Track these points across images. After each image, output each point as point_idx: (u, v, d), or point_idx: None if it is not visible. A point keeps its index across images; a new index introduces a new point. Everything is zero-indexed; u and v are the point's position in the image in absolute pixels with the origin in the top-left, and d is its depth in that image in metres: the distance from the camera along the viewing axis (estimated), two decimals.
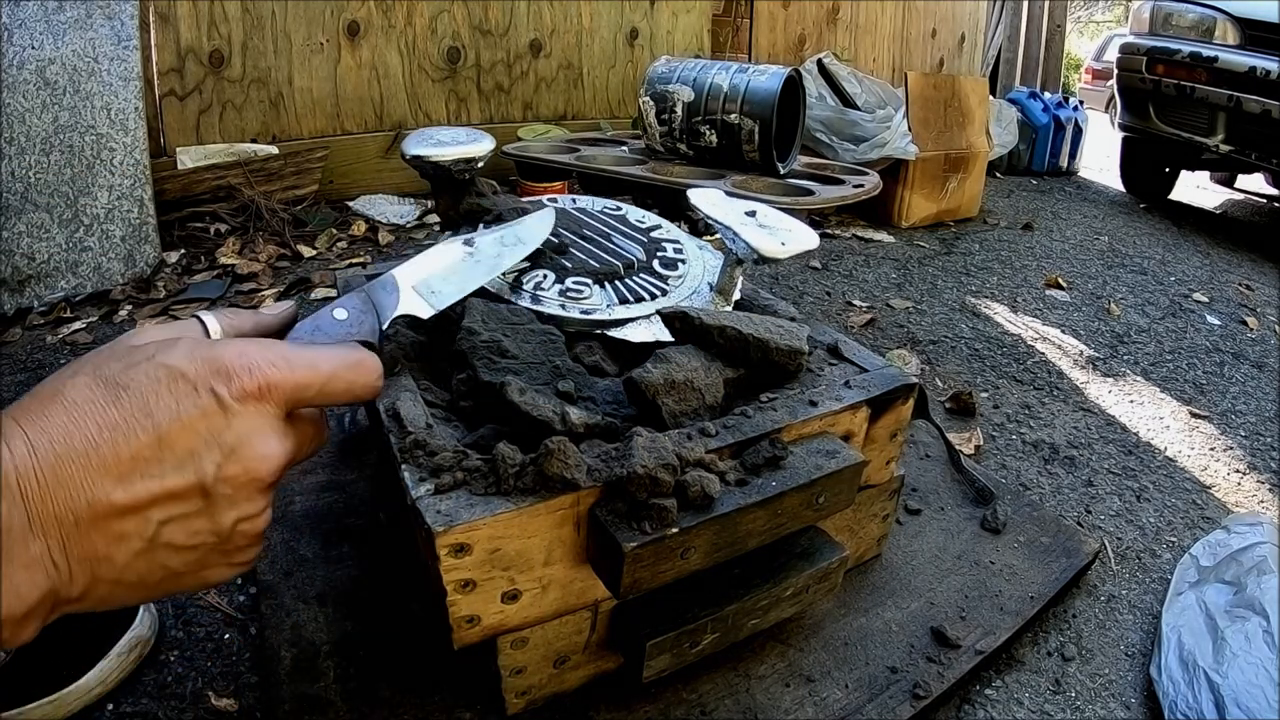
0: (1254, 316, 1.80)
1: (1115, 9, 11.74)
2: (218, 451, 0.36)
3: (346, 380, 0.42)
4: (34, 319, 1.31)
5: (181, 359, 0.37)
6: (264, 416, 0.38)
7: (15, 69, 1.27)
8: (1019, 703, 0.68)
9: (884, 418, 0.65)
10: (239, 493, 0.37)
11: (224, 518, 0.37)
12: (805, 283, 1.75)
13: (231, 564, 0.39)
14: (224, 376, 0.37)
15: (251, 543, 0.39)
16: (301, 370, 0.40)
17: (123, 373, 0.36)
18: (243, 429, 0.37)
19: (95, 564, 0.34)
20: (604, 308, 0.67)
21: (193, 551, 0.37)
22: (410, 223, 1.91)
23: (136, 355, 0.37)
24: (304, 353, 0.41)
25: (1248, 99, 2.27)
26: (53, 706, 0.58)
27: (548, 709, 0.58)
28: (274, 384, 0.39)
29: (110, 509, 0.33)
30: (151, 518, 0.35)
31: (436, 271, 0.56)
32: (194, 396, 0.36)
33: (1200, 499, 1.04)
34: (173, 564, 0.36)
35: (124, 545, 0.34)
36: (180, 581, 0.38)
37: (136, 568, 0.35)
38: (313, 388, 0.41)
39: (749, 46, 2.76)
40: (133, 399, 0.35)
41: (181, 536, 0.36)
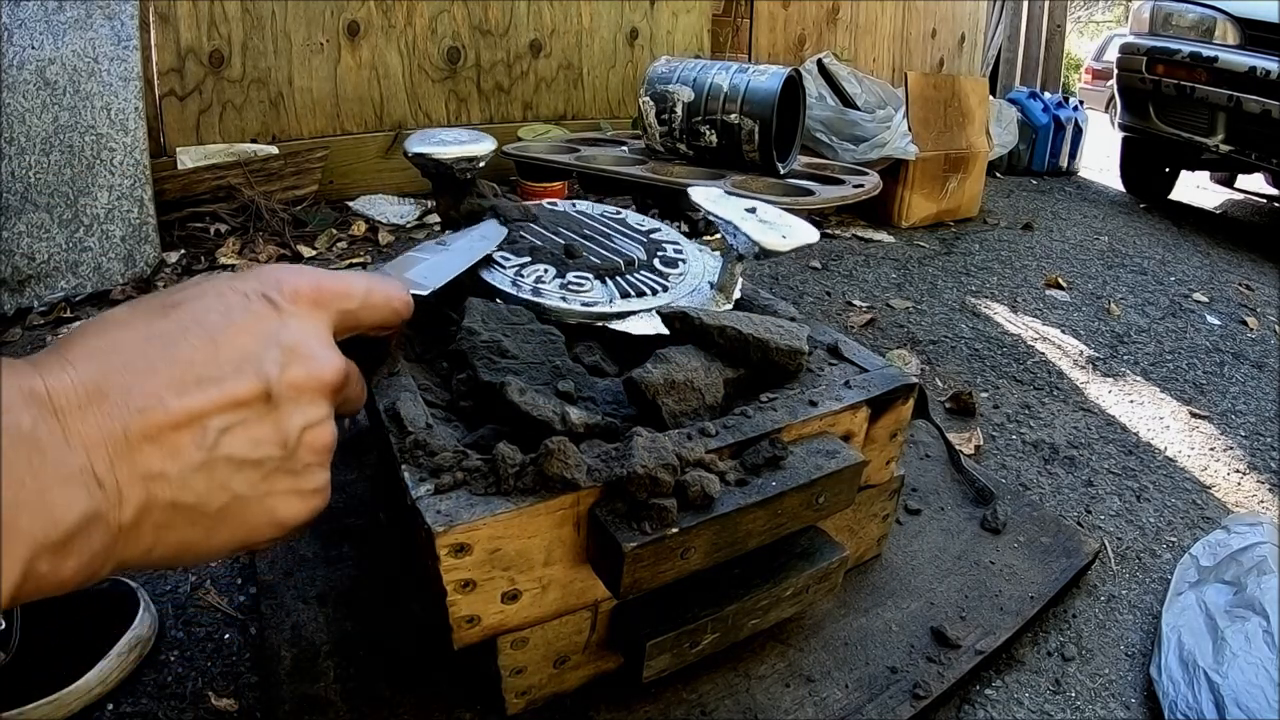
0: (1254, 316, 1.80)
1: (1115, 9, 11.75)
2: (277, 351, 0.34)
3: (383, 293, 0.43)
4: (34, 319, 1.31)
5: (227, 278, 0.36)
6: (318, 321, 0.38)
7: (15, 69, 1.27)
8: (1019, 703, 0.68)
9: (884, 418, 0.65)
10: (303, 395, 0.35)
11: (289, 423, 0.34)
12: (805, 283, 1.75)
13: (301, 491, 0.36)
14: (273, 284, 0.36)
15: (320, 460, 0.37)
16: (345, 282, 0.40)
17: (168, 295, 0.35)
18: (300, 330, 0.36)
19: (149, 482, 0.31)
20: (605, 301, 0.67)
21: (257, 468, 0.34)
22: (410, 223, 1.91)
23: (181, 286, 0.36)
24: (342, 272, 0.42)
25: (1248, 99, 2.27)
26: (53, 706, 0.58)
27: (548, 709, 0.58)
28: (324, 288, 0.38)
29: (166, 418, 0.31)
30: (210, 427, 0.32)
31: (421, 265, 0.61)
32: (246, 303, 0.35)
33: (1200, 499, 1.04)
34: (236, 484, 0.33)
35: (181, 459, 0.31)
36: (247, 512, 0.34)
37: (195, 486, 0.32)
38: (355, 297, 0.40)
39: (749, 46, 2.76)
40: (182, 311, 0.33)
41: (244, 447, 0.33)
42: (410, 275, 0.58)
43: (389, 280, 0.45)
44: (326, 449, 0.37)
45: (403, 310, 0.45)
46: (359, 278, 0.42)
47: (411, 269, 0.60)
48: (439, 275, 0.60)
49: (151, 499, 0.31)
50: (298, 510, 0.36)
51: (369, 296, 0.41)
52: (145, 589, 0.69)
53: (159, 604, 0.71)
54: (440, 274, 0.60)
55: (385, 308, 0.43)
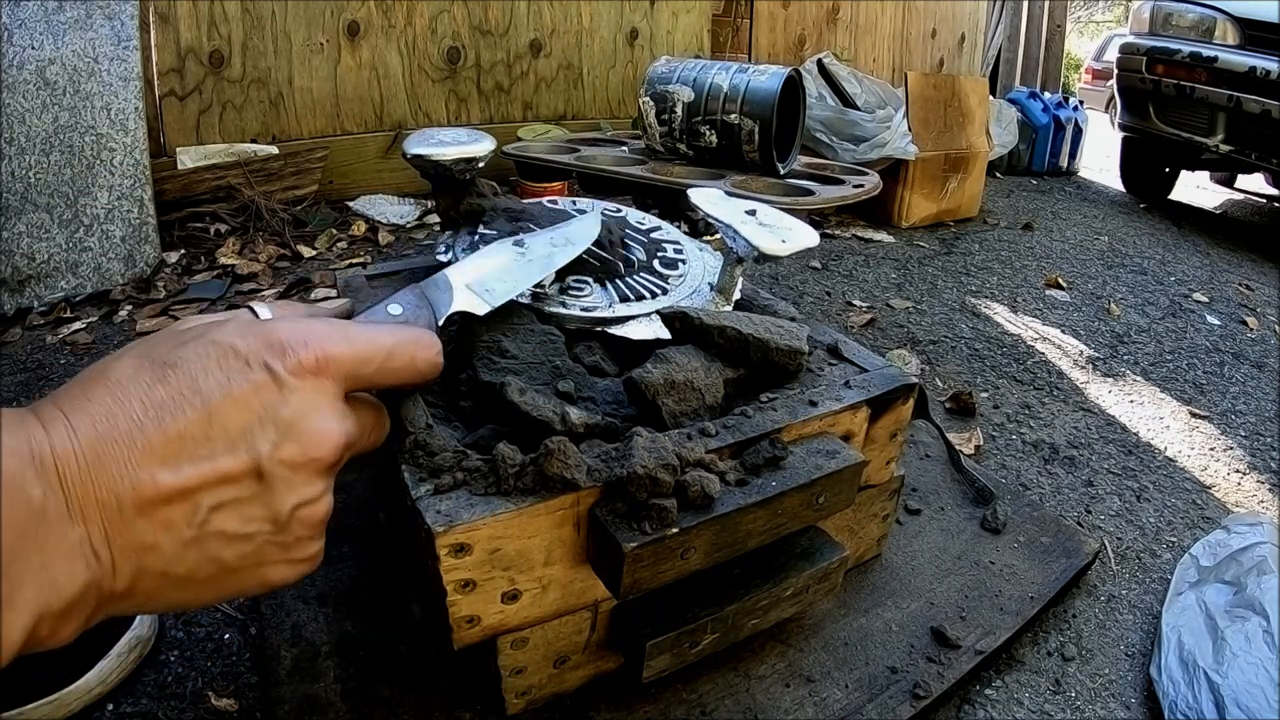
0: (1254, 316, 1.80)
1: (1115, 9, 11.74)
2: (273, 429, 0.33)
3: (409, 354, 0.40)
4: (34, 319, 1.31)
5: (233, 334, 0.35)
6: (322, 393, 0.36)
7: (15, 69, 1.27)
8: (1019, 703, 0.68)
9: (884, 418, 0.65)
10: (296, 474, 0.34)
11: (281, 503, 0.34)
12: (805, 283, 1.75)
13: (292, 560, 0.36)
14: (278, 350, 0.35)
15: (312, 534, 0.36)
16: (361, 344, 0.38)
17: (171, 352, 0.34)
18: (299, 405, 0.34)
19: (141, 554, 0.31)
20: (604, 305, 0.67)
21: (247, 542, 0.34)
22: (410, 223, 1.91)
23: (186, 335, 0.35)
24: (363, 328, 0.39)
25: (1248, 99, 2.27)
26: (53, 706, 0.58)
27: (548, 709, 0.58)
28: (332, 358, 0.36)
29: (156, 493, 0.31)
30: (201, 503, 0.32)
31: (490, 271, 0.55)
32: (247, 371, 0.34)
33: (1200, 499, 1.04)
34: (226, 557, 0.33)
35: (172, 533, 0.31)
36: (238, 580, 0.34)
37: (186, 559, 0.32)
38: (373, 362, 0.38)
39: (749, 46, 2.76)
40: (180, 376, 0.33)
41: (235, 524, 0.33)
42: (472, 285, 0.53)
43: (417, 336, 0.41)
44: (319, 523, 0.37)
45: (428, 371, 0.42)
46: (383, 335, 0.39)
47: (477, 275, 0.54)
48: (503, 289, 0.54)
49: (143, 569, 0.31)
50: (288, 575, 0.36)
51: (389, 360, 0.39)
52: None
53: None
54: (505, 288, 0.54)
55: (408, 369, 0.41)
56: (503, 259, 0.57)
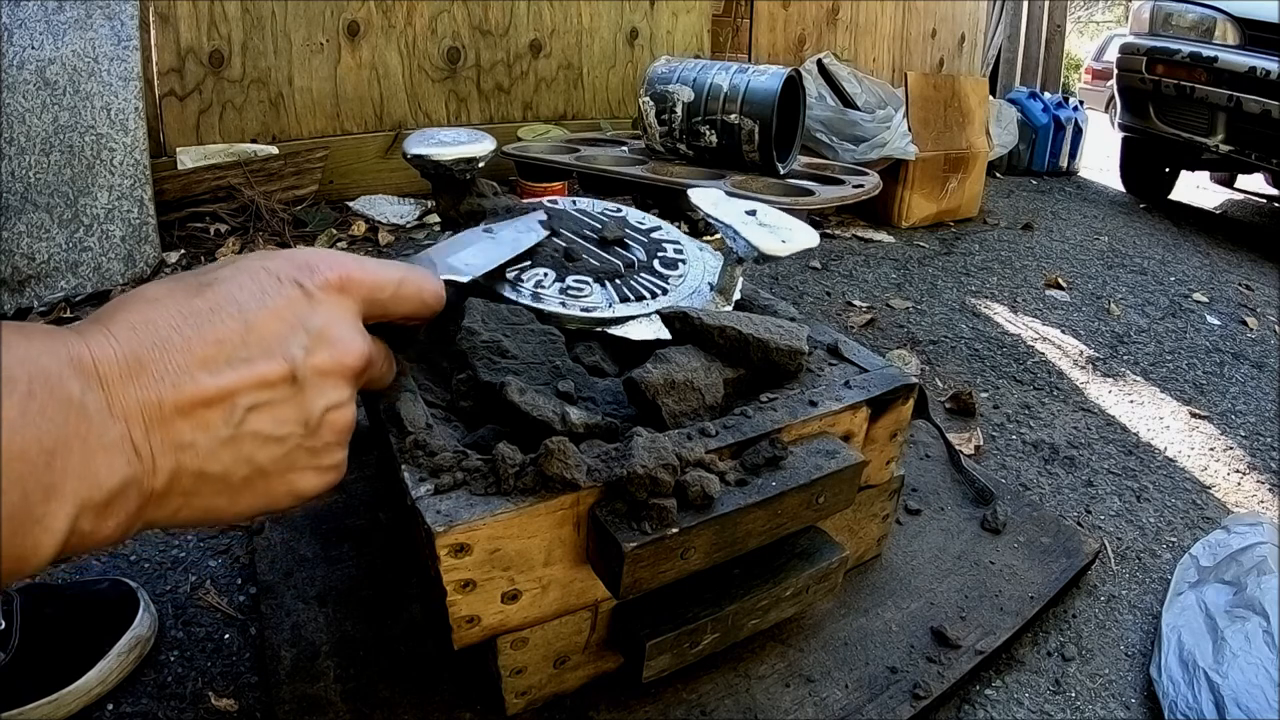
0: (1254, 316, 1.80)
1: (1115, 9, 11.74)
2: (305, 335, 0.36)
3: (416, 285, 0.43)
4: (34, 319, 1.31)
5: (262, 258, 0.38)
6: (346, 308, 0.39)
7: (15, 69, 1.27)
8: (1019, 703, 0.68)
9: (884, 418, 0.65)
10: (327, 379, 0.37)
11: (312, 405, 0.36)
12: (805, 283, 1.75)
13: (319, 467, 0.38)
14: (306, 269, 0.38)
15: (339, 440, 0.39)
16: (377, 271, 0.41)
17: (204, 274, 0.36)
18: (328, 316, 0.37)
19: (179, 452, 0.33)
20: (604, 306, 0.67)
21: (280, 444, 0.36)
22: (410, 223, 1.91)
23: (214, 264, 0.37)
24: (378, 261, 0.43)
25: (1248, 99, 2.27)
26: (53, 706, 0.58)
27: (548, 709, 0.58)
28: (354, 278, 0.39)
29: (197, 394, 0.32)
30: (239, 404, 0.34)
31: (465, 250, 0.61)
32: (279, 286, 0.36)
33: (1200, 499, 1.04)
34: (260, 458, 0.35)
35: (210, 433, 0.33)
36: (269, 485, 0.36)
37: (222, 459, 0.34)
38: (388, 289, 0.41)
39: (749, 46, 2.76)
40: (217, 291, 0.35)
41: (269, 425, 0.35)
42: (452, 261, 0.58)
43: (422, 272, 0.45)
44: (346, 429, 0.39)
45: (433, 303, 0.46)
46: (393, 268, 0.43)
47: (454, 254, 0.60)
48: (481, 262, 0.60)
49: (181, 468, 0.33)
50: (315, 483, 0.38)
51: (401, 288, 0.42)
52: (145, 589, 0.69)
53: (159, 604, 0.71)
54: (483, 261, 0.60)
55: (416, 299, 0.44)
56: (474, 240, 0.64)
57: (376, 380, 0.44)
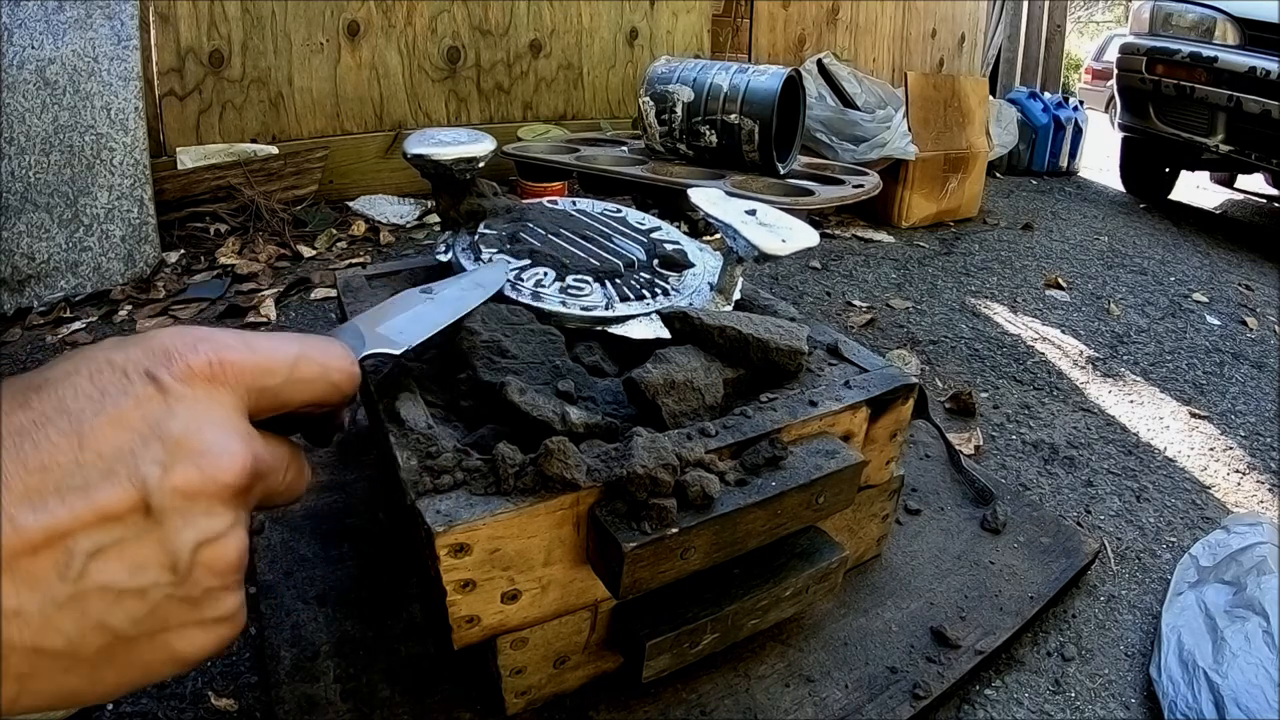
0: (1254, 316, 1.80)
1: (1115, 9, 11.74)
2: (159, 447, 0.27)
3: (319, 363, 0.34)
4: (34, 319, 1.31)
5: (109, 347, 0.29)
6: (218, 404, 0.29)
7: (15, 69, 1.27)
8: (1019, 703, 0.68)
9: (884, 418, 0.65)
10: (194, 503, 0.27)
11: (178, 541, 0.27)
12: (805, 283, 1.75)
13: (203, 621, 0.28)
14: (163, 357, 0.28)
15: (224, 583, 0.29)
16: (263, 350, 0.32)
17: (38, 374, 0.28)
18: (191, 417, 0.28)
19: (4, 624, 0.24)
20: (604, 305, 0.67)
21: (141, 599, 0.26)
22: (410, 223, 1.91)
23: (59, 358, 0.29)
24: (266, 335, 0.33)
25: (1248, 99, 2.27)
26: None
27: (547, 709, 0.58)
28: (229, 361, 0.30)
29: (17, 541, 0.24)
30: (76, 549, 0.25)
31: (399, 317, 0.55)
32: (125, 383, 0.27)
33: (1200, 499, 1.04)
34: (116, 620, 0.26)
35: (41, 592, 0.25)
36: (137, 654, 0.27)
37: (63, 626, 0.25)
38: (279, 371, 0.32)
39: (749, 46, 2.76)
40: (45, 398, 0.26)
41: (122, 574, 0.26)
42: (382, 330, 0.51)
43: (328, 345, 0.36)
44: (231, 568, 0.29)
45: (343, 384, 0.36)
46: (286, 343, 0.33)
47: (385, 322, 0.53)
48: (418, 330, 0.53)
49: (7, 643, 0.24)
50: (201, 644, 0.29)
51: (296, 369, 0.33)
52: None
53: None
54: (418, 329, 0.53)
55: (319, 382, 0.34)
56: (411, 304, 0.57)
57: (277, 495, 0.33)
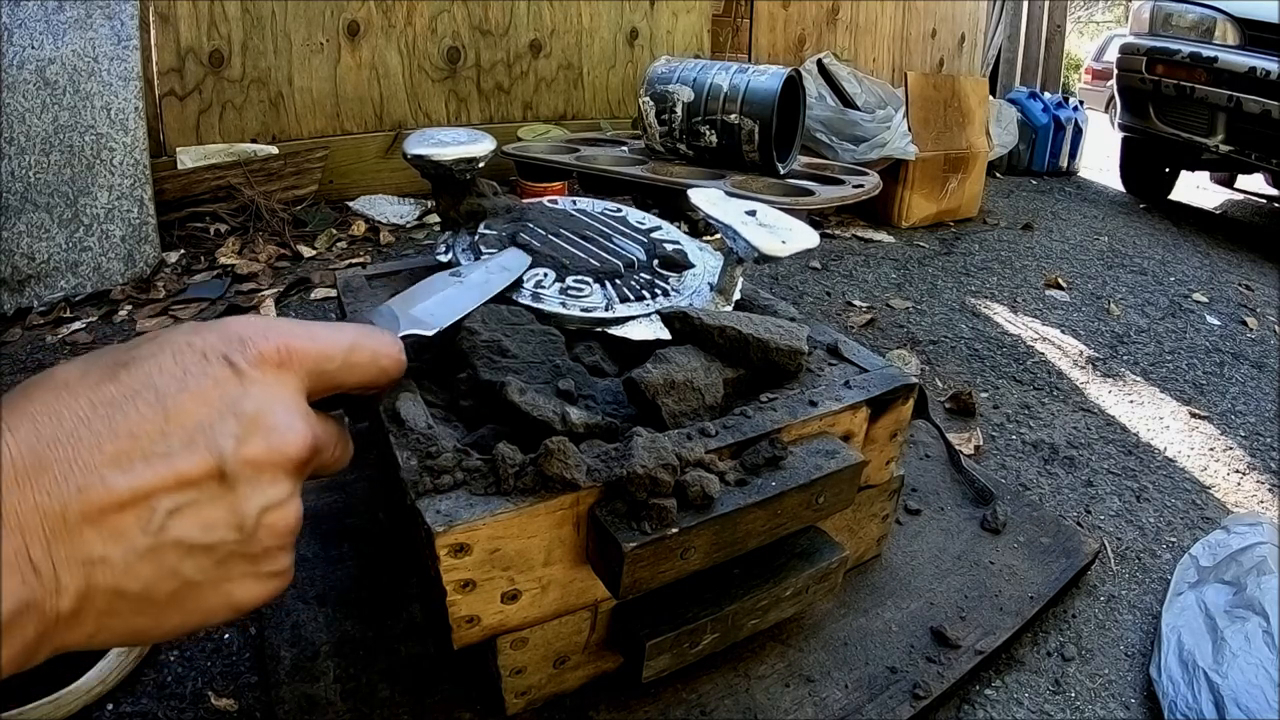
0: (1254, 316, 1.80)
1: (1115, 9, 11.74)
2: (234, 423, 0.31)
3: (370, 350, 0.38)
4: (34, 319, 1.31)
5: (188, 332, 0.32)
6: (286, 386, 0.33)
7: (15, 69, 1.27)
8: (1019, 703, 0.68)
9: (884, 418, 0.65)
10: (262, 473, 0.31)
11: (246, 505, 0.31)
12: (805, 283, 1.75)
13: (260, 575, 0.33)
14: (238, 343, 0.32)
15: (281, 544, 0.33)
16: (324, 338, 0.36)
17: (123, 352, 0.31)
18: (263, 398, 0.32)
19: (90, 567, 0.27)
20: (604, 306, 0.67)
21: (210, 553, 0.30)
22: (410, 223, 1.91)
23: (138, 340, 0.33)
24: (325, 325, 0.38)
25: (1248, 99, 2.27)
26: (52, 706, 0.58)
27: (547, 709, 0.58)
28: (295, 349, 0.34)
29: (107, 497, 0.27)
30: (158, 507, 0.29)
31: (430, 299, 0.58)
32: (204, 365, 0.31)
33: (1200, 499, 1.04)
34: (187, 570, 0.30)
35: (125, 543, 0.28)
36: (202, 599, 0.31)
37: (142, 574, 0.29)
38: (336, 357, 0.36)
39: (749, 46, 2.76)
40: (133, 374, 0.30)
41: (196, 530, 0.30)
42: (415, 312, 0.55)
43: (377, 334, 0.40)
44: (289, 531, 0.33)
45: (391, 369, 0.41)
46: (342, 332, 0.38)
47: (418, 304, 0.56)
48: (447, 313, 0.56)
49: (92, 586, 0.28)
50: (256, 594, 0.33)
51: (351, 355, 0.37)
52: None
53: None
54: (449, 311, 0.57)
55: (370, 366, 0.39)
56: (441, 287, 0.60)
57: (327, 467, 0.38)
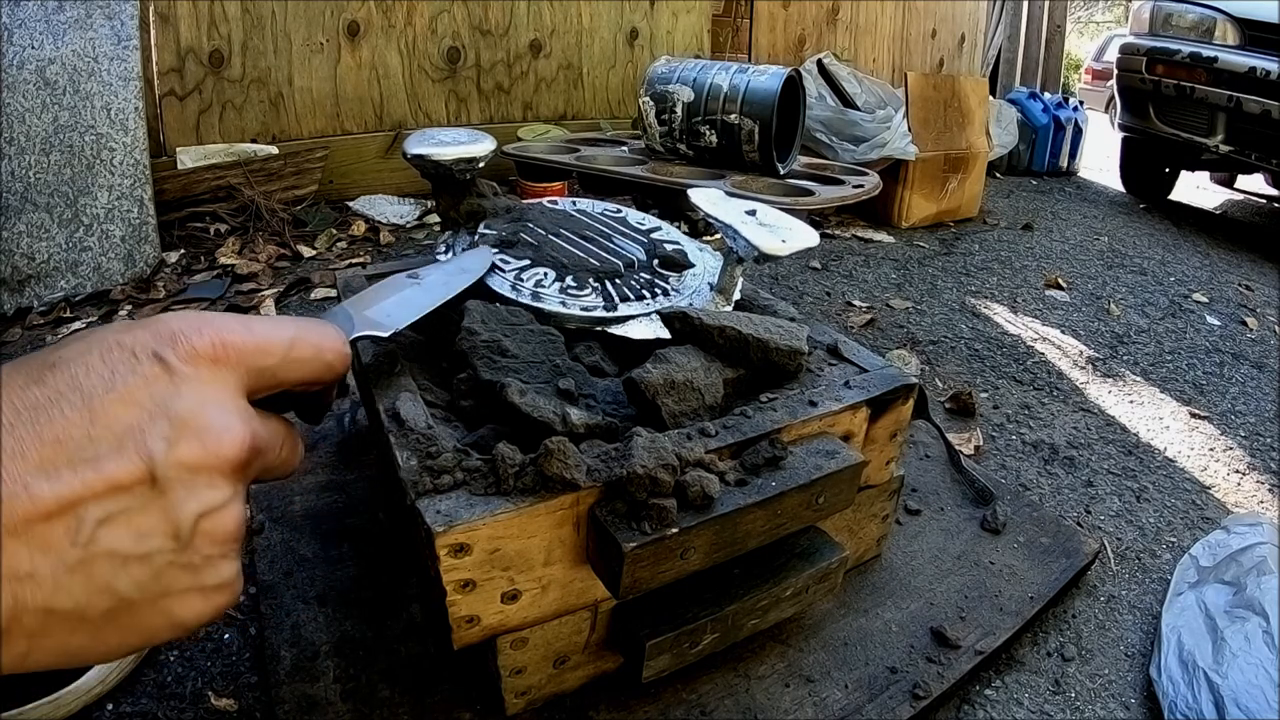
0: (1254, 317, 1.80)
1: (1115, 9, 11.75)
2: (166, 425, 0.29)
3: (312, 344, 0.37)
4: (34, 319, 1.31)
5: (118, 330, 0.31)
6: (221, 384, 0.32)
7: (15, 69, 1.27)
8: (1019, 703, 0.68)
9: (884, 418, 0.65)
10: (197, 476, 0.30)
11: (180, 511, 0.29)
12: (805, 283, 1.75)
13: (204, 588, 0.31)
14: (169, 339, 0.31)
15: (222, 552, 0.31)
16: (261, 332, 0.34)
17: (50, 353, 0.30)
18: (196, 396, 0.30)
19: (16, 584, 0.26)
20: (603, 305, 0.67)
21: (145, 565, 0.29)
22: (410, 223, 1.91)
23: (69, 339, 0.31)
24: (264, 319, 0.36)
25: (1248, 99, 2.27)
26: (52, 706, 0.58)
27: (547, 709, 0.58)
28: (230, 344, 0.32)
29: (31, 508, 0.26)
30: (86, 516, 0.27)
31: (387, 300, 0.57)
32: (133, 363, 0.30)
33: (1200, 499, 1.04)
34: (121, 585, 0.28)
35: (53, 556, 0.27)
36: (140, 617, 0.29)
37: (73, 590, 0.27)
38: (275, 351, 0.35)
39: (749, 47, 2.76)
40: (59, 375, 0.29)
41: (128, 540, 0.28)
42: (370, 313, 0.54)
43: (320, 328, 0.39)
44: (230, 538, 0.31)
45: (336, 364, 0.39)
46: (283, 326, 0.36)
47: (374, 306, 0.55)
48: (404, 314, 0.55)
49: (20, 604, 0.26)
50: (200, 610, 0.31)
51: (292, 350, 0.35)
52: None
53: None
54: (405, 313, 0.55)
55: (314, 362, 0.37)
56: (399, 289, 0.60)
57: (273, 469, 0.36)
